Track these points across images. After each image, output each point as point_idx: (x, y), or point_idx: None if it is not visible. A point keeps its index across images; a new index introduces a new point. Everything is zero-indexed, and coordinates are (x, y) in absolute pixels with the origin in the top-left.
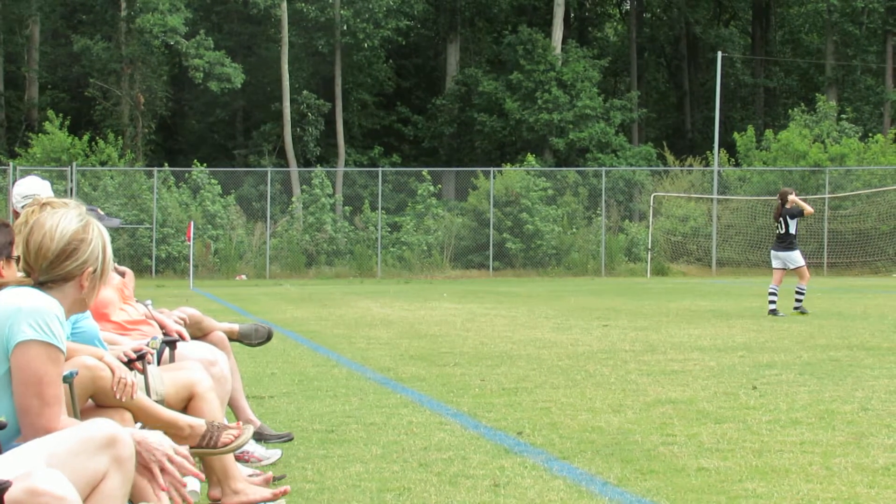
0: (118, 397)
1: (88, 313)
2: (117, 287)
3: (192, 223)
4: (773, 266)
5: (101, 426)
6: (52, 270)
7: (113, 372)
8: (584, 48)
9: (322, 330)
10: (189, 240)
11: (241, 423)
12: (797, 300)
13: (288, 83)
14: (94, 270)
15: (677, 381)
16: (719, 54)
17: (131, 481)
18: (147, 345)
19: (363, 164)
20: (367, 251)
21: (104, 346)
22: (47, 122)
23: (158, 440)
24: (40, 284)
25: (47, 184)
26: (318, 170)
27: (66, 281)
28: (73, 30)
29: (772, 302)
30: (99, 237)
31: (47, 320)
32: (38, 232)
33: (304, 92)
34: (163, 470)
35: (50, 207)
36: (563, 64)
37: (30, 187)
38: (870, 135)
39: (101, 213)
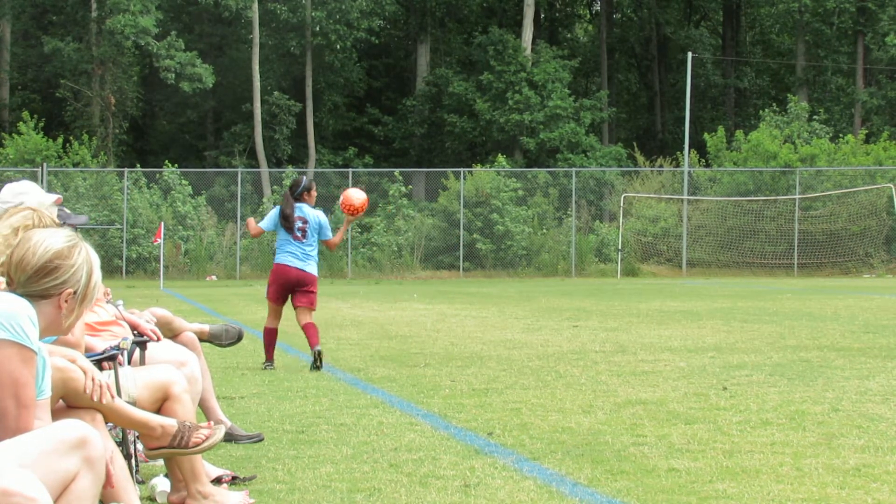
0: (95, 399)
1: None
2: None
3: (162, 224)
4: None
5: (73, 427)
6: (30, 285)
7: (85, 374)
8: (555, 48)
9: (292, 331)
10: (156, 240)
11: (212, 422)
12: None
13: (259, 84)
14: (75, 293)
15: (647, 382)
16: (689, 55)
17: (102, 482)
18: (118, 346)
19: (337, 165)
20: (337, 252)
21: None
22: (21, 124)
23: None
24: None
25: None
26: (289, 170)
27: (44, 298)
28: (43, 31)
29: None
30: (86, 262)
31: (19, 321)
32: (23, 245)
33: (276, 93)
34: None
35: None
36: (534, 64)
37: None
38: (840, 135)
39: (68, 211)
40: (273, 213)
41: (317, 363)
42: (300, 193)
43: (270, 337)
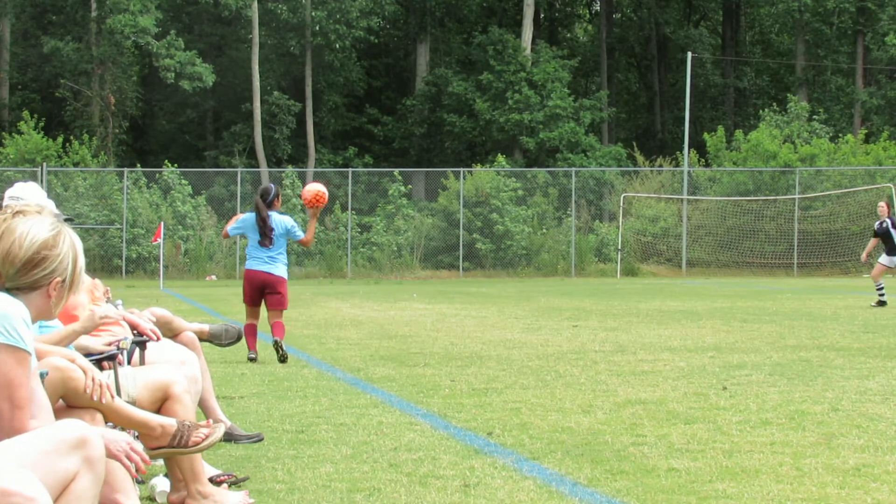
0: (95, 399)
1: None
2: (87, 288)
3: (161, 224)
4: None
5: (72, 427)
6: (19, 278)
7: (85, 373)
8: (555, 48)
9: (292, 330)
10: (156, 240)
11: (211, 421)
12: None
13: (258, 84)
14: (63, 281)
15: (647, 382)
16: (689, 55)
17: (102, 482)
18: (117, 346)
19: (337, 165)
20: (337, 252)
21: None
22: (21, 123)
23: (115, 436)
24: (6, 291)
25: (39, 190)
26: (289, 170)
27: (33, 289)
28: (43, 30)
29: None
30: (70, 248)
31: (14, 324)
32: (7, 238)
33: (275, 93)
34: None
35: (22, 215)
36: (534, 64)
37: (18, 191)
38: (840, 135)
39: (57, 211)
40: (246, 219)
41: (280, 353)
42: (272, 200)
43: (250, 331)
